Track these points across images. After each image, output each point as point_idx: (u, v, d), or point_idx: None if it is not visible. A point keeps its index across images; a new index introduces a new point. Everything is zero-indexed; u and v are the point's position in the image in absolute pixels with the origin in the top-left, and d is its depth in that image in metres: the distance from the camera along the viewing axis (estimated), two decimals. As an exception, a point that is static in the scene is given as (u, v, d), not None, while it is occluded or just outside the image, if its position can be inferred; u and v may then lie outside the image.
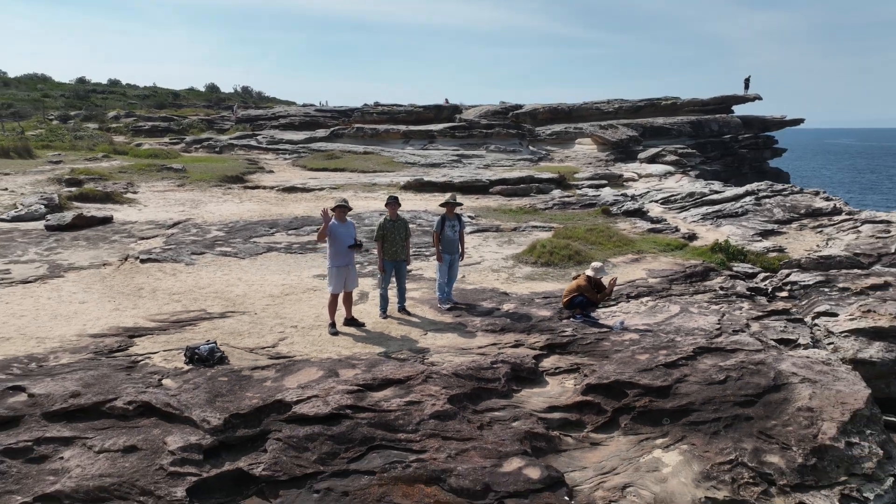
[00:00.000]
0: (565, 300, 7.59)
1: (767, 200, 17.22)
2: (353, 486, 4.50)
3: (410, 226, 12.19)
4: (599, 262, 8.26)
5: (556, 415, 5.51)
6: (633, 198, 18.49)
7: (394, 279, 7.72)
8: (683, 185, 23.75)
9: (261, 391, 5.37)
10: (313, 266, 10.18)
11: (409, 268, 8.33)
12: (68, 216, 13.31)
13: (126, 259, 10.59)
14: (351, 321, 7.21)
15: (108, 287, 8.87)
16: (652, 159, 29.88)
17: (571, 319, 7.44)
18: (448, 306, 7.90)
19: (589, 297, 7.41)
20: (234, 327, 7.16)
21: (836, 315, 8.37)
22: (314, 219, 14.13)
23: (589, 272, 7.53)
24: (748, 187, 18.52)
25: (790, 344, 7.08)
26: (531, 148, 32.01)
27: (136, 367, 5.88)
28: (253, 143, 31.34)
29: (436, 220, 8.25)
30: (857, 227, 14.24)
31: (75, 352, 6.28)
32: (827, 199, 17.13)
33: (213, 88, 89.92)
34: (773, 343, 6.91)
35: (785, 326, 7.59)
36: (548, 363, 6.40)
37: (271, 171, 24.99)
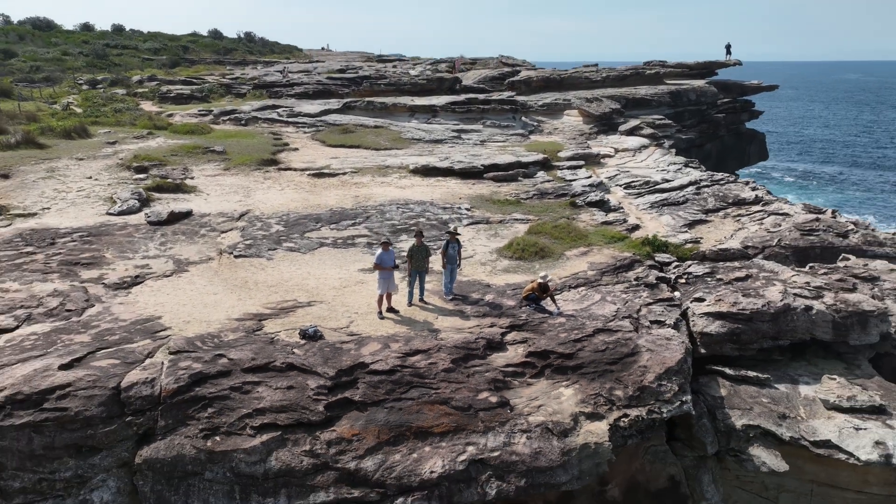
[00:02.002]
0: (524, 296, 12.04)
1: (706, 189, 21.45)
2: (403, 406, 9.10)
3: (419, 220, 16.68)
4: (545, 272, 12.60)
5: (510, 369, 10.08)
6: (599, 185, 22.64)
7: (417, 280, 12.14)
8: (652, 160, 27.91)
9: (349, 356, 9.93)
10: (356, 261, 14.59)
11: (424, 236, 12.60)
12: (163, 213, 17.61)
13: (221, 254, 15.01)
14: (390, 309, 11.67)
15: (223, 280, 13.33)
16: (631, 132, 33.74)
17: (526, 307, 11.93)
18: (450, 297, 12.36)
19: (539, 296, 11.85)
20: (319, 313, 11.66)
21: (703, 300, 12.84)
22: (347, 211, 18.41)
23: (539, 280, 11.94)
24: (694, 176, 22.69)
25: (660, 324, 11.59)
26: (524, 119, 35.78)
27: (274, 341, 10.41)
28: (274, 115, 35.05)
29: (444, 241, 12.47)
30: (763, 218, 18.56)
31: (233, 331, 10.80)
32: (753, 189, 21.37)
33: (216, 35, 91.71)
34: (647, 324, 11.43)
35: (662, 311, 12.09)
36: (509, 337, 10.94)
37: (296, 149, 28.94)
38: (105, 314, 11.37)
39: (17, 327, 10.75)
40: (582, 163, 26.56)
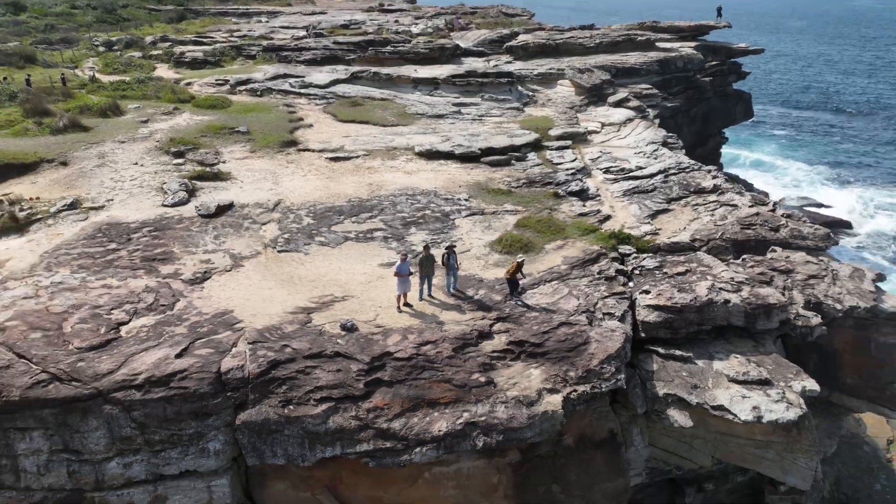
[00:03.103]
0: (507, 277, 15.60)
1: (673, 178, 24.73)
2: (418, 384, 12.95)
3: (426, 211, 20.10)
4: (522, 256, 16.22)
5: (495, 354, 13.89)
6: (582, 170, 25.86)
7: (426, 281, 15.77)
8: (633, 138, 31.01)
9: (378, 346, 13.70)
10: (376, 256, 18.17)
11: (431, 248, 16.14)
12: (211, 206, 21.00)
13: (266, 248, 18.58)
14: (407, 304, 15.35)
15: (273, 275, 16.97)
16: (618, 104, 36.52)
17: (510, 302, 15.62)
18: (452, 293, 16.03)
19: (515, 275, 15.43)
20: (351, 307, 15.37)
21: (648, 293, 16.51)
22: (365, 203, 21.80)
23: (517, 261, 15.51)
24: (665, 163, 25.87)
25: (611, 316, 15.31)
26: (520, 88, 38.41)
27: (322, 333, 14.17)
28: (286, 86, 37.68)
29: (444, 254, 15.90)
30: (716, 209, 21.99)
31: (290, 324, 14.53)
32: (714, 178, 24.64)
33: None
34: (600, 316, 15.15)
35: (614, 304, 15.79)
36: (496, 328, 14.70)
37: (311, 126, 31.90)
38: (190, 308, 15.09)
39: (130, 320, 14.48)
40: (569, 142, 29.63)
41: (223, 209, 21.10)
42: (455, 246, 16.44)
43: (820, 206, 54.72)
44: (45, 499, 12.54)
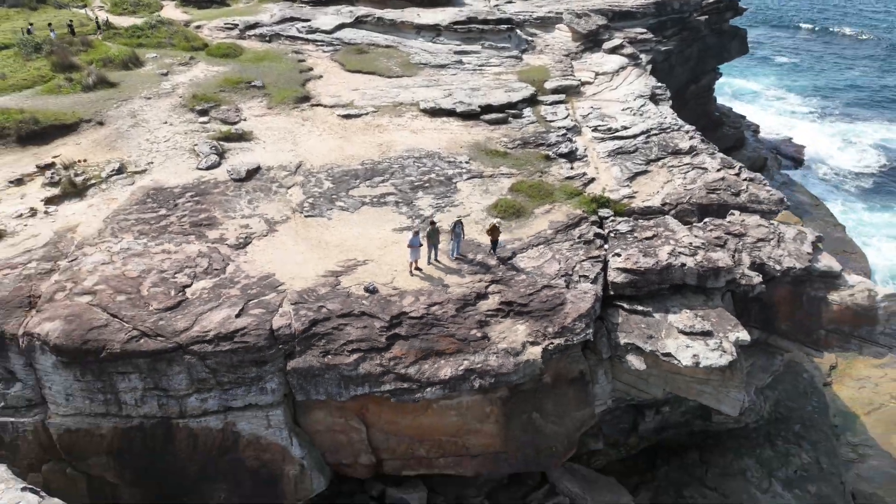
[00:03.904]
0: (489, 237, 18.77)
1: (654, 138, 27.28)
2: (428, 338, 16.43)
3: (430, 175, 23.00)
4: (499, 220, 19.37)
5: (490, 312, 17.31)
6: (572, 128, 28.37)
7: (433, 249, 18.93)
8: (624, 90, 33.23)
9: (395, 306, 17.08)
10: (389, 221, 21.22)
11: (437, 223, 19.24)
12: (241, 170, 23.78)
13: (294, 213, 21.61)
14: (417, 268, 18.60)
15: (304, 240, 20.11)
16: (612, 50, 38.34)
17: (502, 265, 18.86)
18: (455, 258, 19.24)
19: (495, 235, 18.66)
20: (372, 270, 18.63)
21: (619, 256, 19.73)
22: (377, 167, 24.57)
23: (495, 224, 18.69)
24: (647, 124, 28.30)
25: (585, 279, 18.61)
26: (519, 33, 39.95)
27: (350, 295, 17.52)
28: (294, 31, 39.23)
29: (451, 225, 18.96)
30: (687, 172, 24.77)
31: (323, 286, 17.86)
32: (691, 139, 27.23)
33: None
34: (577, 279, 18.45)
35: (589, 267, 19.06)
36: (490, 289, 18.04)
37: (321, 77, 33.99)
38: (239, 272, 18.37)
39: (192, 283, 17.78)
40: (563, 96, 31.90)
41: (252, 173, 23.93)
42: (462, 220, 19.34)
43: (792, 142, 57.05)
44: (141, 423, 16.35)
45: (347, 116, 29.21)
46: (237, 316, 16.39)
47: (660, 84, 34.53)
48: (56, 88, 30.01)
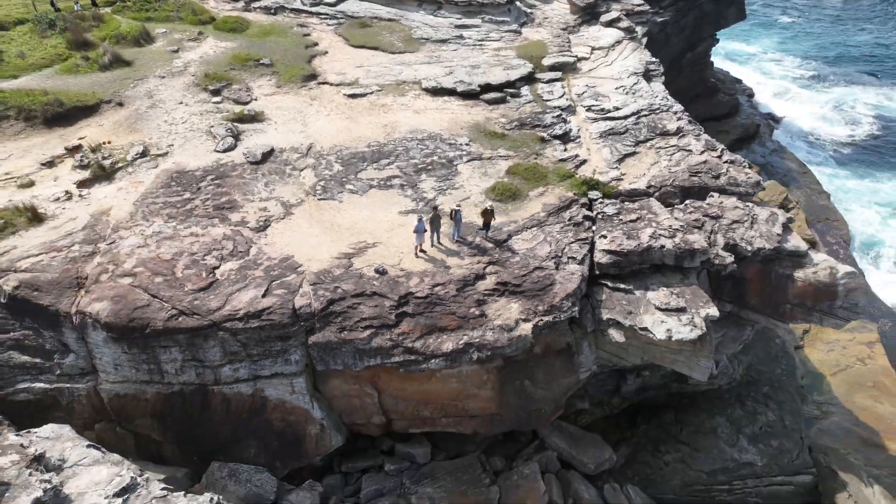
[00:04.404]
0: (484, 219, 20.79)
1: (644, 119, 28.86)
2: (432, 315, 18.60)
3: (433, 158, 24.80)
4: (491, 204, 21.30)
5: (487, 291, 19.45)
6: (567, 108, 29.91)
7: (435, 233, 20.91)
8: (619, 66, 34.56)
9: (403, 287, 19.20)
10: (395, 204, 23.14)
11: (439, 205, 21.21)
12: (257, 153, 25.52)
13: (307, 195, 23.49)
14: (422, 250, 20.64)
15: (318, 223, 22.08)
16: (609, 23, 39.40)
17: (498, 248, 20.88)
18: (456, 240, 21.25)
19: (488, 217, 20.67)
20: (381, 252, 20.68)
21: (605, 237, 21.75)
22: (383, 149, 26.28)
23: (487, 208, 20.67)
24: (638, 105, 29.77)
25: (574, 260, 20.68)
26: (518, 4, 40.86)
27: (362, 276, 19.62)
28: (297, 4, 40.18)
29: (452, 210, 20.93)
30: (673, 154, 26.50)
31: (337, 268, 19.94)
32: (679, 119, 28.81)
33: None
34: (565, 261, 20.51)
35: (577, 249, 21.10)
36: (487, 270, 20.13)
37: (326, 53, 35.24)
38: (261, 254, 20.41)
39: (220, 265, 19.85)
40: (559, 74, 33.28)
41: (266, 156, 25.69)
42: (461, 208, 21.27)
43: (775, 118, 58.09)
44: (181, 390, 18.71)
45: (353, 96, 30.70)
46: (263, 296, 18.54)
47: (653, 59, 35.74)
48: (74, 68, 31.37)
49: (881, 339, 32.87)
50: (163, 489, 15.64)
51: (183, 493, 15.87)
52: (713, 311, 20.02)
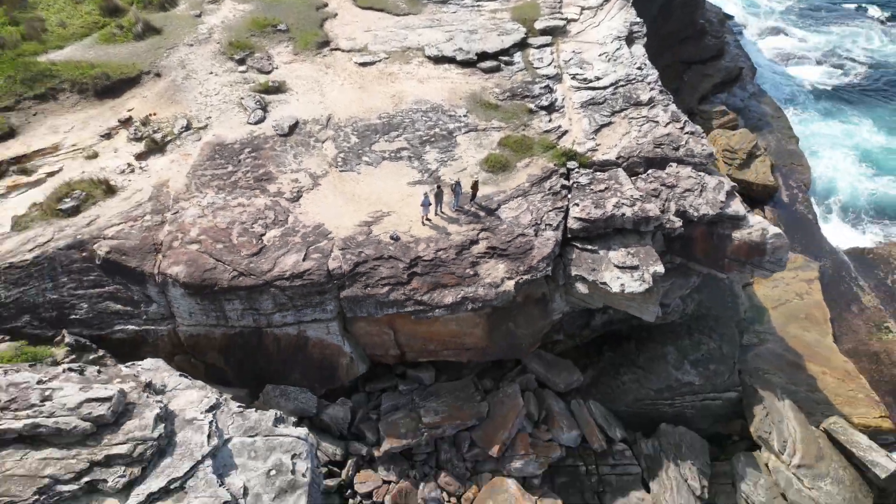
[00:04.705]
0: (472, 190, 25.61)
1: (621, 89, 32.79)
2: (436, 275, 23.82)
3: (435, 130, 29.31)
4: (477, 178, 26.02)
5: (479, 254, 24.55)
6: (555, 77, 33.71)
7: (438, 204, 25.69)
8: (605, 28, 37.93)
9: (413, 251, 24.26)
10: (404, 175, 27.75)
11: (441, 177, 25.94)
12: (284, 126, 29.79)
13: (330, 167, 28.04)
14: (428, 219, 25.52)
15: (341, 193, 26.80)
16: (599, -20, 42.09)
17: (489, 216, 25.73)
18: (455, 209, 26.07)
19: (475, 189, 25.52)
20: (394, 221, 25.57)
21: (578, 205, 26.56)
22: (392, 121, 30.49)
23: (475, 181, 25.46)
24: (617, 75, 33.59)
25: (550, 227, 25.62)
26: (515, -40, 43.31)
27: (380, 242, 24.64)
28: (307, -40, 42.62)
29: (452, 183, 25.62)
30: (643, 125, 30.69)
31: (359, 235, 24.91)
32: (651, 90, 32.72)
33: None
34: (543, 227, 25.46)
35: (553, 216, 25.98)
36: (480, 236, 25.13)
37: (336, 15, 38.51)
38: (298, 222, 25.30)
39: (265, 232, 24.79)
40: (549, 38, 36.80)
41: (293, 128, 29.98)
42: (460, 181, 25.87)
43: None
44: (241, 331, 24.20)
45: (363, 64, 34.48)
46: (303, 260, 23.64)
47: (637, 20, 38.98)
48: (111, 37, 34.89)
49: (819, 277, 38.34)
50: (238, 406, 21.38)
51: (253, 409, 21.65)
52: (660, 269, 25.18)
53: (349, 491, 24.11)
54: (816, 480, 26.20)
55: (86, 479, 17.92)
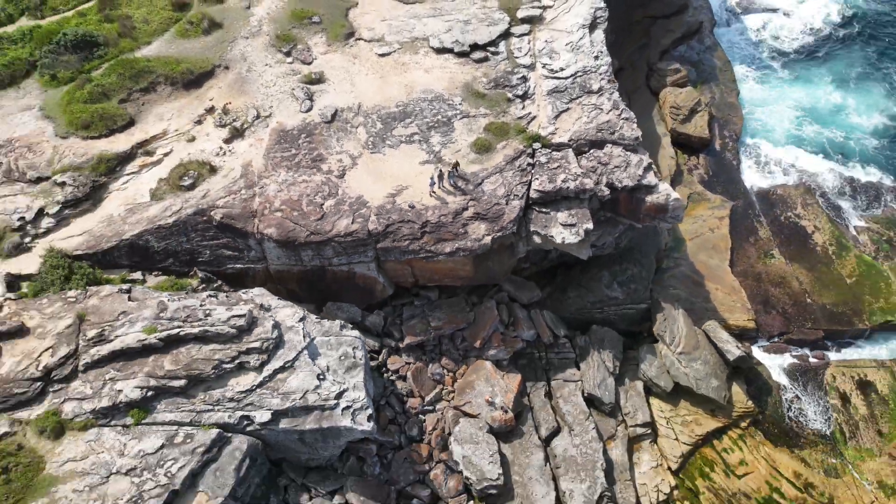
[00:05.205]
0: (452, 167, 37.55)
1: (578, 80, 43.35)
2: (440, 232, 36.29)
3: (438, 117, 41.00)
4: (456, 160, 37.87)
5: (468, 217, 36.90)
6: (530, 66, 44.13)
7: (441, 180, 37.55)
8: (577, 9, 47.74)
9: (424, 216, 36.60)
10: (416, 157, 39.39)
11: (443, 158, 37.66)
12: (327, 114, 40.85)
13: (363, 149, 39.58)
14: (433, 193, 37.49)
15: (371, 171, 38.61)
16: (573, -35, 51.03)
17: (475, 189, 37.69)
18: (452, 184, 37.95)
19: (456, 168, 37.48)
20: (410, 193, 37.60)
21: (537, 180, 38.41)
22: (406, 109, 41.50)
23: (455, 161, 37.38)
24: (578, 66, 43.97)
25: (517, 197, 37.69)
26: (504, -57, 51.87)
27: (402, 210, 36.85)
28: (330, -54, 51.28)
29: (451, 164, 37.39)
30: (591, 112, 41.60)
31: (388, 204, 37.07)
32: (601, 79, 43.22)
33: None
34: (512, 197, 37.56)
35: (519, 187, 37.98)
36: (469, 205, 37.31)
37: (357, 4, 48.09)
38: (345, 195, 37.36)
39: (324, 203, 36.91)
40: (528, 27, 46.77)
41: (333, 116, 41.14)
42: (458, 163, 37.52)
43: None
44: (311, 268, 37.05)
45: (382, 55, 44.87)
46: (352, 223, 35.97)
47: (601, 5, 48.56)
48: (185, 32, 44.94)
49: (731, 214, 50.66)
50: (316, 317, 34.66)
51: (325, 319, 34.88)
52: (590, 226, 37.57)
53: (384, 369, 37.94)
54: (691, 362, 40.11)
55: (237, 360, 31.37)
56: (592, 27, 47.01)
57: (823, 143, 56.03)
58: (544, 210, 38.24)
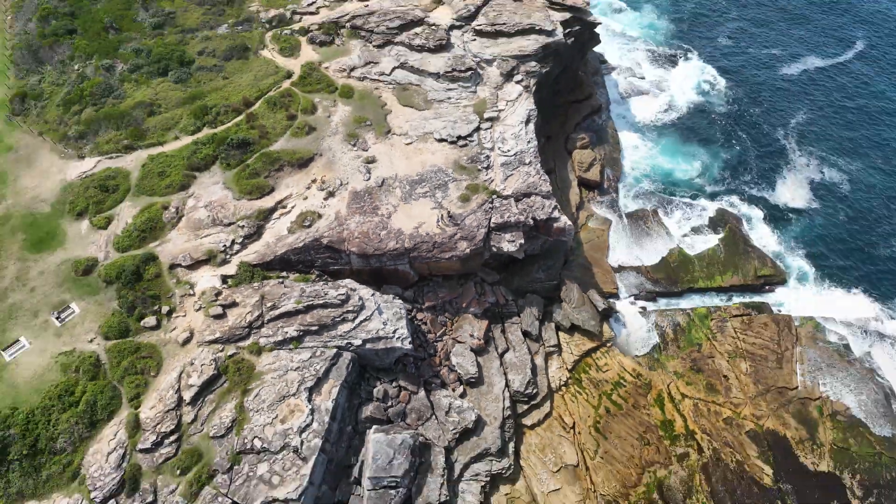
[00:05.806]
0: (448, 212, 55.01)
1: (518, 156, 60.26)
2: (442, 247, 53.84)
3: (439, 181, 58.67)
4: (451, 206, 55.28)
5: (457, 239, 54.41)
6: (491, 148, 61.16)
7: (443, 218, 54.93)
8: (517, 113, 64.76)
9: (433, 239, 54.07)
10: (428, 205, 56.79)
11: (441, 202, 55.05)
12: (379, 181, 58.05)
13: (400, 202, 56.87)
14: (439, 226, 54.86)
15: (405, 214, 56.02)
16: (518, 82, 67.87)
17: (462, 224, 55.07)
18: (448, 221, 55.31)
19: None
20: (426, 226, 54.99)
21: (495, 216, 55.75)
22: (424, 177, 58.64)
23: (448, 209, 54.87)
24: (519, 148, 60.94)
25: (481, 226, 55.10)
26: (477, 70, 68.54)
27: (421, 236, 54.32)
28: (373, 75, 67.91)
29: (447, 211, 54.87)
30: (526, 174, 58.60)
31: (414, 234, 54.51)
32: (532, 155, 60.10)
33: None
34: (481, 229, 54.98)
35: (485, 222, 55.40)
36: (457, 234, 54.79)
37: (391, 111, 64.96)
38: (392, 228, 54.86)
39: (381, 233, 54.36)
40: (490, 124, 63.74)
41: (382, 182, 58.31)
42: (450, 210, 54.87)
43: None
44: (375, 268, 54.70)
45: (407, 143, 61.91)
46: (395, 244, 53.42)
47: (532, 107, 65.52)
48: (295, 133, 61.87)
49: (611, 227, 68.11)
50: (379, 293, 52.41)
51: (383, 294, 52.52)
52: (522, 241, 55.05)
53: (415, 319, 55.72)
54: (576, 312, 57.92)
55: (342, 316, 49.29)
56: (527, 122, 63.97)
57: (669, 182, 73.30)
58: (498, 232, 55.59)
